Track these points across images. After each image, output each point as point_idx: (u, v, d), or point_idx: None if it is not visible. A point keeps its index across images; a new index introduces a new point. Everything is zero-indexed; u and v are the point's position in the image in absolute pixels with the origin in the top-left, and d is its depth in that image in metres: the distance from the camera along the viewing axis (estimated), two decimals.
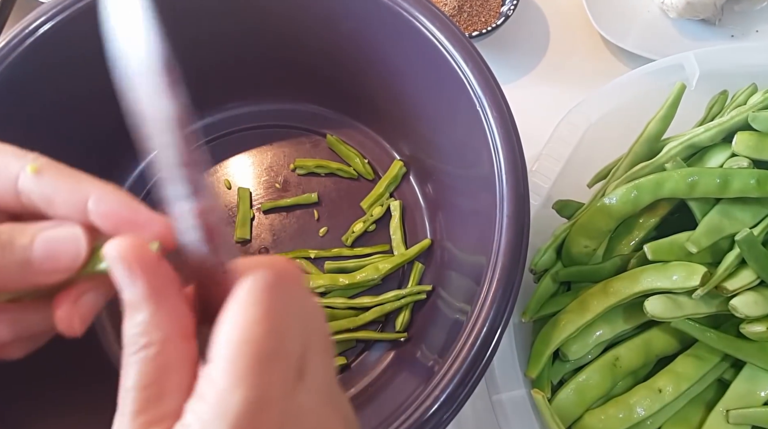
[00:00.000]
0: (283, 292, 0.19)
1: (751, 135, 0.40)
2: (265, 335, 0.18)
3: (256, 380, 0.17)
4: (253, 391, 0.17)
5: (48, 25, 0.40)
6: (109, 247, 0.19)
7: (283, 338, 0.19)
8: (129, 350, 0.19)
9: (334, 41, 0.47)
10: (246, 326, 0.18)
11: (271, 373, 0.18)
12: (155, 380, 0.19)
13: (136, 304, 0.19)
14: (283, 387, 0.18)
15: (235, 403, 0.17)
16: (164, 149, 0.19)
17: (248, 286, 0.19)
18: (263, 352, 0.18)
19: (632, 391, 0.39)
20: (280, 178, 0.53)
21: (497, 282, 0.34)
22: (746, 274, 0.37)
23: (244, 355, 0.18)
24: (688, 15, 0.60)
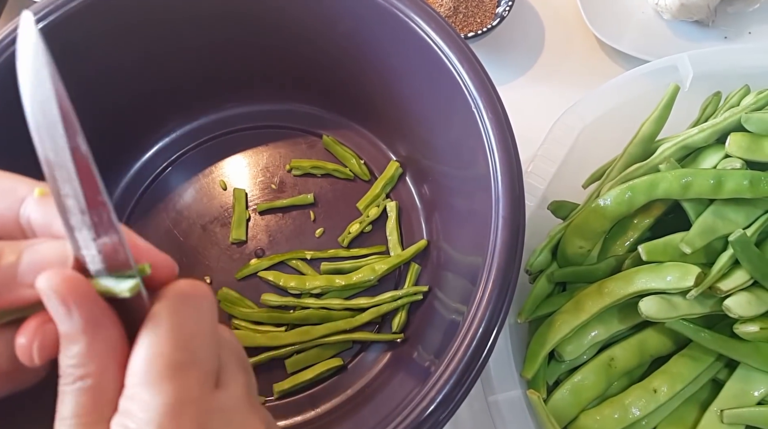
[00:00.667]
0: (188, 311, 0.20)
1: (744, 136, 0.40)
2: (174, 348, 0.19)
3: (171, 386, 0.19)
4: (171, 396, 0.19)
5: (39, 26, 0.40)
6: (42, 280, 0.19)
7: (191, 351, 0.20)
8: (65, 381, 0.19)
9: (330, 42, 0.47)
10: (156, 342, 0.19)
11: (185, 378, 0.19)
12: (91, 410, 0.19)
13: (72, 336, 0.19)
14: (200, 390, 0.20)
15: (157, 408, 0.19)
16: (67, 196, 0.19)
17: (155, 310, 0.20)
18: (174, 363, 0.19)
19: (627, 392, 0.39)
20: (276, 178, 0.53)
21: (493, 283, 0.34)
22: (740, 275, 0.37)
23: (157, 366, 0.19)
24: (682, 16, 0.60)
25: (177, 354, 0.19)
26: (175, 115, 0.54)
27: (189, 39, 0.47)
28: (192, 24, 0.46)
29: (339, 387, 0.46)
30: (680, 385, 0.38)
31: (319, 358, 0.46)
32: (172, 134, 0.54)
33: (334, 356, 0.47)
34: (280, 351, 0.46)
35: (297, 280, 0.48)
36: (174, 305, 0.20)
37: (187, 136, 0.54)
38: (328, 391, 0.46)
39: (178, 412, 0.19)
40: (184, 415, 0.19)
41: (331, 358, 0.47)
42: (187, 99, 0.53)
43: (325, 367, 0.46)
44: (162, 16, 0.45)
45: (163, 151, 0.54)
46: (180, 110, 0.53)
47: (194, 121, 0.54)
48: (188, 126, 0.54)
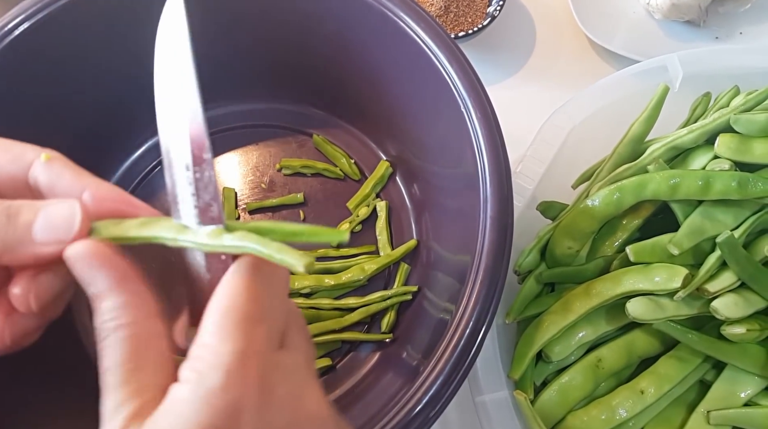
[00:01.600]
0: (266, 273, 0.22)
1: (733, 137, 0.40)
2: (249, 302, 0.21)
3: (242, 336, 0.20)
4: (240, 344, 0.20)
5: (27, 24, 0.39)
6: (68, 252, 0.21)
7: (264, 307, 0.21)
8: (102, 336, 0.21)
9: (319, 41, 0.47)
10: (231, 295, 0.21)
11: (255, 332, 0.21)
12: (131, 356, 0.21)
13: (102, 295, 0.21)
14: (267, 344, 0.21)
15: (226, 354, 0.20)
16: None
17: (236, 266, 0.22)
18: (247, 315, 0.21)
19: (614, 393, 0.39)
20: (266, 178, 0.53)
21: (480, 283, 0.34)
22: (727, 276, 0.37)
23: (230, 317, 0.21)
24: (673, 16, 0.60)
25: (249, 307, 0.21)
26: None
27: None
28: None
29: (328, 387, 0.46)
30: (667, 386, 0.38)
31: None
32: None
33: (323, 356, 0.47)
34: None
35: None
36: (253, 266, 0.22)
37: None
38: None
39: (245, 360, 0.20)
40: (249, 364, 0.20)
41: (320, 358, 0.46)
42: None
43: None
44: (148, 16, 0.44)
45: (152, 150, 0.54)
46: None
47: None
48: None
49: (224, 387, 0.20)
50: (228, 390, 0.20)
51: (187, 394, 0.20)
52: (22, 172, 0.24)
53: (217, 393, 0.19)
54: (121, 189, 0.24)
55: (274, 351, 0.22)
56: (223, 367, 0.20)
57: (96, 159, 0.51)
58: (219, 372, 0.20)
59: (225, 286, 0.21)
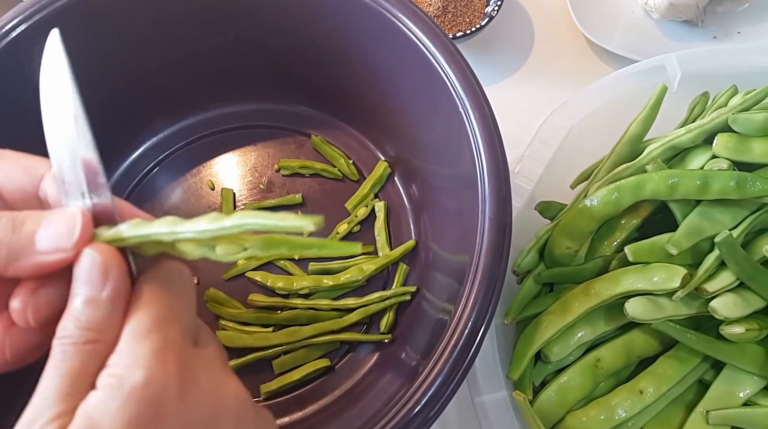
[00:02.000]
0: (173, 280, 0.23)
1: (731, 137, 0.40)
2: (160, 307, 0.22)
3: (157, 334, 0.21)
4: (155, 341, 0.21)
5: (24, 26, 0.39)
6: (86, 251, 0.22)
7: (175, 310, 0.22)
8: (71, 340, 0.21)
9: (317, 41, 0.47)
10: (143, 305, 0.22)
11: (168, 330, 0.22)
12: (86, 373, 0.21)
13: (97, 302, 0.21)
14: (182, 341, 0.22)
15: (143, 352, 0.21)
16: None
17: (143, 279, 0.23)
18: (159, 318, 0.22)
19: (614, 393, 0.39)
20: (265, 178, 0.53)
21: (479, 283, 0.34)
22: (726, 276, 0.37)
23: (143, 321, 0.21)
24: (671, 16, 0.60)
25: (161, 312, 0.22)
26: (163, 114, 0.53)
27: (176, 39, 0.47)
28: (179, 24, 0.46)
29: (327, 387, 0.46)
30: (666, 386, 0.38)
31: (307, 358, 0.46)
32: (160, 134, 0.54)
33: (321, 357, 0.47)
34: (267, 352, 0.46)
35: (284, 281, 0.48)
36: (161, 274, 0.23)
37: (174, 135, 0.54)
38: (316, 392, 0.46)
39: (163, 354, 0.21)
40: (167, 356, 0.21)
41: (319, 359, 0.46)
42: (174, 99, 0.52)
43: (312, 368, 0.46)
44: (149, 16, 0.44)
45: (151, 150, 0.53)
46: (167, 110, 0.53)
47: (182, 121, 0.54)
48: (176, 126, 0.54)
49: (146, 381, 0.20)
50: (150, 384, 0.20)
51: (107, 396, 0.20)
52: (33, 185, 0.24)
53: (139, 388, 0.20)
54: (127, 202, 0.25)
55: (189, 347, 0.23)
56: (141, 364, 0.20)
57: None
58: (138, 369, 0.20)
59: (139, 297, 0.22)
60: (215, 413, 0.22)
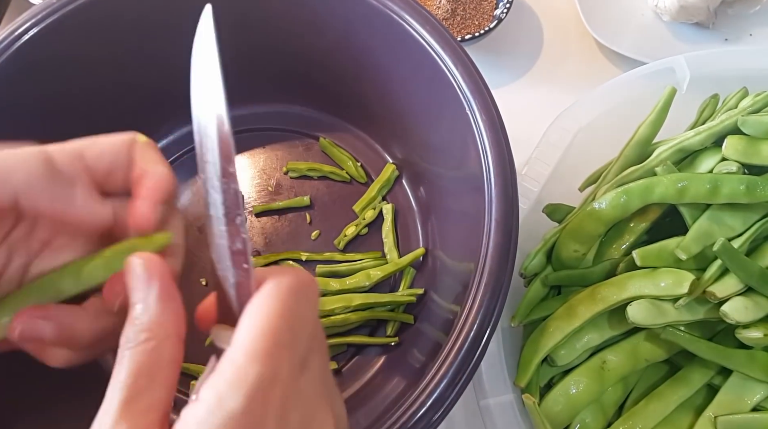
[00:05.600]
0: (301, 296, 0.22)
1: (741, 139, 0.39)
2: (283, 327, 0.21)
3: (271, 361, 0.20)
4: (267, 369, 0.20)
5: (37, 28, 0.40)
6: (133, 258, 0.22)
7: (295, 333, 0.21)
8: (128, 345, 0.21)
9: (326, 44, 0.47)
10: (268, 317, 0.21)
11: (283, 358, 0.20)
12: (148, 372, 0.21)
13: (146, 305, 0.22)
14: (291, 371, 0.21)
15: (251, 375, 0.20)
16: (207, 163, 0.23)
17: (274, 286, 0.21)
18: (279, 341, 0.20)
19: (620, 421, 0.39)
20: (273, 181, 0.53)
21: (485, 285, 0.34)
22: (734, 280, 0.36)
23: (263, 339, 0.20)
24: (681, 18, 0.60)
25: (284, 334, 0.21)
26: (172, 117, 0.54)
27: (184, 43, 0.47)
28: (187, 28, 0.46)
29: None
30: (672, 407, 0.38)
31: None
32: (168, 137, 0.54)
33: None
34: None
35: None
36: (292, 288, 0.22)
37: (183, 138, 0.54)
38: None
39: (269, 387, 0.20)
40: (273, 391, 0.20)
41: None
42: (183, 102, 0.52)
43: None
44: (157, 20, 0.45)
45: (167, 148, 0.54)
46: (176, 113, 0.53)
47: (190, 124, 0.54)
48: (184, 128, 0.54)
49: (245, 411, 0.19)
50: (249, 415, 0.19)
51: (205, 415, 0.19)
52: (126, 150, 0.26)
53: (237, 416, 0.19)
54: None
55: (296, 377, 0.21)
56: (245, 389, 0.19)
57: None
58: (240, 394, 0.19)
59: (262, 304, 0.21)
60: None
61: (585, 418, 0.39)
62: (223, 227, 0.23)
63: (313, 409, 0.22)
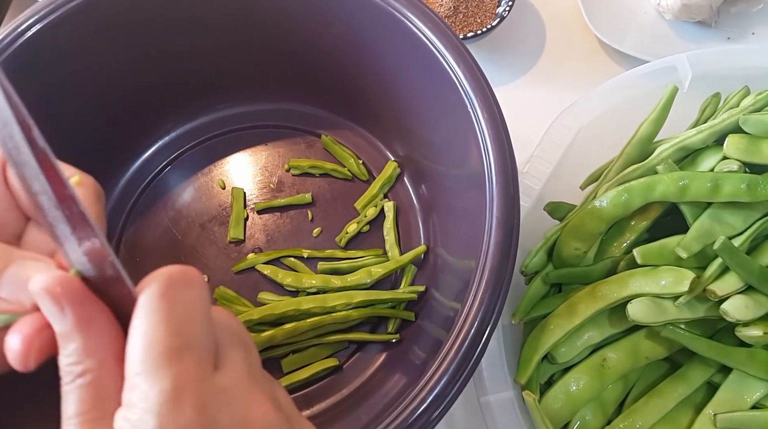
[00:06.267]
0: (178, 295, 0.20)
1: (742, 138, 0.39)
2: (168, 334, 0.19)
3: (169, 372, 0.19)
4: (168, 381, 0.19)
5: (39, 25, 0.40)
6: (34, 282, 0.19)
7: (186, 334, 0.20)
8: (66, 380, 0.20)
9: (328, 42, 0.47)
10: (148, 332, 0.19)
11: (181, 363, 0.19)
12: (94, 406, 0.19)
13: (67, 335, 0.20)
14: (198, 373, 0.20)
15: (155, 395, 0.18)
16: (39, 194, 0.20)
17: (144, 298, 0.20)
18: (169, 348, 0.19)
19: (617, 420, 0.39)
20: (275, 178, 0.53)
21: (486, 283, 0.34)
22: (734, 279, 0.37)
23: (152, 355, 0.19)
24: (684, 17, 0.60)
25: (171, 339, 0.19)
26: (175, 114, 0.54)
27: (187, 40, 0.47)
28: (190, 25, 0.46)
29: (334, 387, 0.46)
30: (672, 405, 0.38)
31: (315, 357, 0.46)
32: (172, 133, 0.54)
33: (329, 356, 0.47)
34: (276, 351, 0.46)
35: (293, 277, 0.48)
36: (163, 291, 0.20)
37: (186, 135, 0.54)
38: (324, 391, 0.46)
39: (177, 398, 0.19)
40: (183, 400, 0.19)
41: (327, 358, 0.47)
42: (186, 99, 0.53)
43: (320, 367, 0.46)
44: (161, 17, 0.45)
45: (163, 150, 0.54)
46: (179, 110, 0.54)
47: (193, 121, 0.55)
48: (188, 125, 0.54)
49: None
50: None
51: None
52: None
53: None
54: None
55: (207, 376, 0.20)
56: (155, 410, 0.18)
57: (107, 159, 0.52)
58: (151, 417, 0.18)
59: (138, 322, 0.20)
60: None
61: (585, 415, 0.40)
62: (84, 258, 0.20)
63: (245, 404, 0.21)
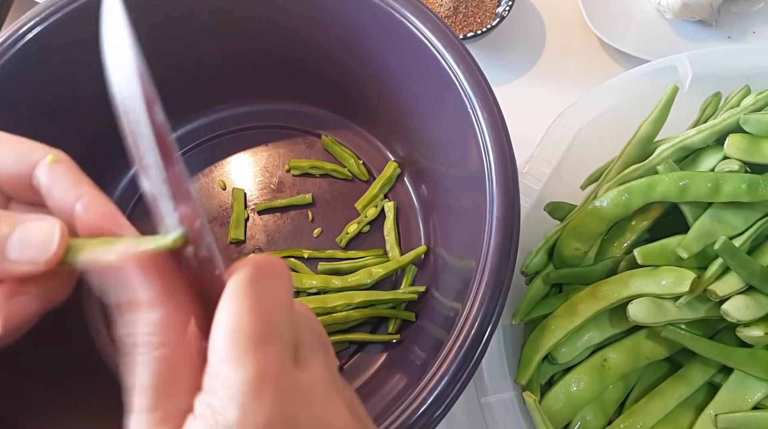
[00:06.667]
0: (266, 284, 0.20)
1: (743, 137, 0.39)
2: (254, 323, 0.19)
3: (253, 361, 0.19)
4: (252, 370, 0.19)
5: (40, 27, 0.40)
6: (123, 249, 0.20)
7: (271, 324, 0.20)
8: (142, 349, 0.19)
9: (327, 42, 0.47)
10: (235, 318, 0.19)
11: (266, 353, 0.19)
12: (169, 378, 0.19)
13: (150, 304, 0.20)
14: (280, 365, 0.19)
15: (238, 384, 0.18)
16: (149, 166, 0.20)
17: (233, 283, 0.20)
18: (255, 337, 0.19)
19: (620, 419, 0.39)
20: (275, 178, 0.53)
21: (486, 283, 0.34)
22: (734, 279, 0.36)
23: (238, 342, 0.19)
24: (684, 16, 0.60)
25: (256, 328, 0.19)
26: (175, 115, 0.53)
27: (187, 42, 0.47)
28: (189, 28, 0.46)
29: None
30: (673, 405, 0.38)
31: None
32: (174, 134, 0.54)
33: None
34: None
35: (294, 278, 0.48)
36: (252, 278, 0.20)
37: (186, 136, 0.54)
38: None
39: (259, 389, 0.18)
40: (265, 392, 0.19)
41: None
42: (186, 100, 0.53)
43: None
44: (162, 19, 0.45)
45: None
46: (179, 111, 0.54)
47: (194, 122, 0.55)
48: (188, 126, 0.54)
49: (241, 422, 0.18)
50: (246, 424, 0.18)
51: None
52: (27, 172, 0.22)
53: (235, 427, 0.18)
54: (114, 206, 0.22)
55: (289, 371, 0.20)
56: (237, 399, 0.18)
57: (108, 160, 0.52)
58: (233, 406, 0.18)
59: (226, 306, 0.20)
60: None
61: (586, 415, 0.40)
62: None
63: (323, 402, 0.20)
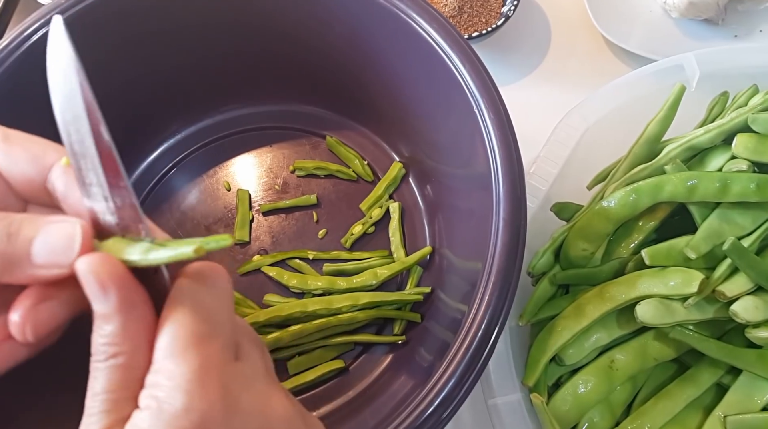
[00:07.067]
0: (209, 287, 0.22)
1: (751, 137, 0.39)
2: (196, 322, 0.21)
3: (195, 353, 0.20)
4: (195, 362, 0.20)
5: (45, 29, 0.40)
6: (81, 262, 0.20)
7: (212, 324, 0.21)
8: (98, 357, 0.20)
9: (332, 43, 0.47)
10: (177, 320, 0.20)
11: (208, 347, 0.20)
12: (122, 386, 0.20)
13: (107, 316, 0.20)
14: (222, 356, 0.21)
15: (183, 374, 0.20)
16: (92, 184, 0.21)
17: (175, 290, 0.21)
18: (197, 334, 0.20)
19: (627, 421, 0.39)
20: (280, 179, 0.53)
21: (493, 284, 0.34)
22: (743, 279, 0.36)
23: (180, 339, 0.20)
24: (690, 15, 0.59)
25: (199, 326, 0.20)
26: (180, 116, 0.54)
27: (192, 43, 0.47)
28: (194, 29, 0.46)
29: (340, 388, 0.46)
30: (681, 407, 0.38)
31: (321, 359, 0.46)
32: (177, 136, 0.54)
33: (335, 358, 0.47)
34: (282, 353, 0.46)
35: (299, 279, 0.48)
36: (195, 282, 0.21)
37: (191, 137, 0.54)
38: (330, 393, 0.46)
39: (203, 376, 0.20)
40: (209, 379, 0.20)
41: (333, 360, 0.46)
42: (191, 101, 0.53)
43: (326, 369, 0.46)
44: (165, 21, 0.45)
45: (168, 152, 0.54)
46: (184, 112, 0.54)
47: (199, 123, 0.55)
48: (193, 127, 0.54)
49: (187, 408, 0.19)
50: (191, 410, 0.19)
51: (149, 421, 0.19)
52: (41, 175, 0.22)
53: (180, 414, 0.19)
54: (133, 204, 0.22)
55: (231, 362, 0.21)
56: (182, 387, 0.19)
57: None
58: (179, 393, 0.19)
59: (170, 308, 0.21)
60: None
61: (593, 417, 0.39)
62: None
63: (264, 390, 0.22)
